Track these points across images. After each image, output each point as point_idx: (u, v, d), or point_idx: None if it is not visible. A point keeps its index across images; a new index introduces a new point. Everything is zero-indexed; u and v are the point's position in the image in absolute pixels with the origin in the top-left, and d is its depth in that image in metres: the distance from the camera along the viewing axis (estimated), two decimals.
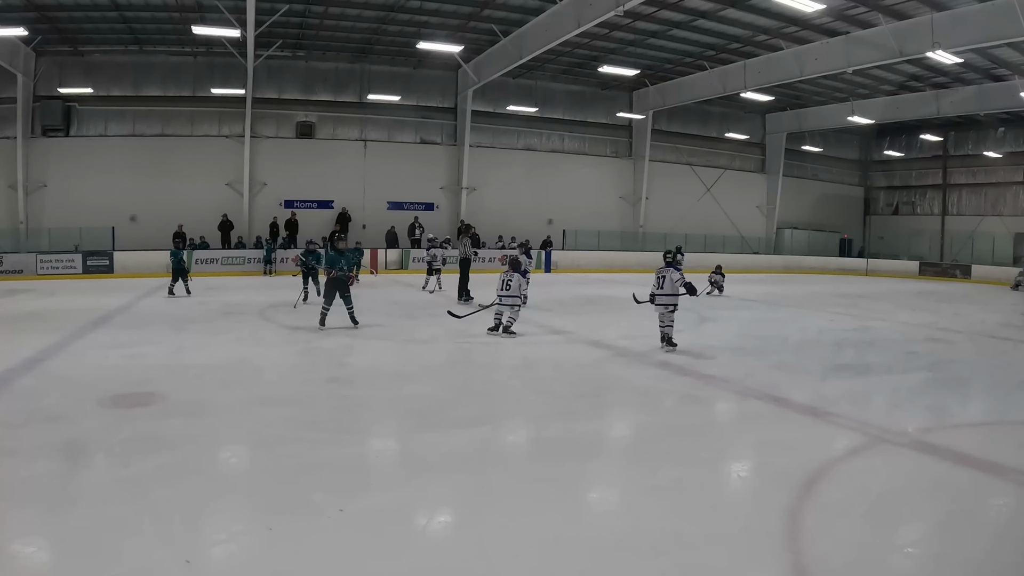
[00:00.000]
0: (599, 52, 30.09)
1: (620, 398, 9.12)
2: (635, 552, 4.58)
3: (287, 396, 8.54)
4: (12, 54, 25.51)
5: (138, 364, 10.23)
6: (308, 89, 32.33)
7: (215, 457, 6.50)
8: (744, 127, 41.22)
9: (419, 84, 33.81)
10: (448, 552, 4.62)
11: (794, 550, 4.61)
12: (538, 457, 6.62)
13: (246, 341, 12.60)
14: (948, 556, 4.66)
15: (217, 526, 4.92)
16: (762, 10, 24.27)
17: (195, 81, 30.33)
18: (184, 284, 19.19)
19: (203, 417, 7.51)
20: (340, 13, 26.25)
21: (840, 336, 14.72)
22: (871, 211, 47.27)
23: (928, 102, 33.72)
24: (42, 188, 28.31)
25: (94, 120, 29.48)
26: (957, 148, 42.28)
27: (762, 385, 9.63)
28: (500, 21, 26.23)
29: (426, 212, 33.66)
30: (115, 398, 8.12)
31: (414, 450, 6.72)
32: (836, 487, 5.79)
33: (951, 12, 21.83)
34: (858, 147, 46.89)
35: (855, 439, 7.11)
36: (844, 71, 26.45)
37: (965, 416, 8.48)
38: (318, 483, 5.62)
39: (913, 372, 11.16)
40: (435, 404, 8.34)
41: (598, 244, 34.34)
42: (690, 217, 39.23)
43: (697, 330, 15.02)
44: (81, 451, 6.50)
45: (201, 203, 29.65)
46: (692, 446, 6.91)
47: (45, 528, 4.79)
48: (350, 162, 32.72)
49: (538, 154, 36.72)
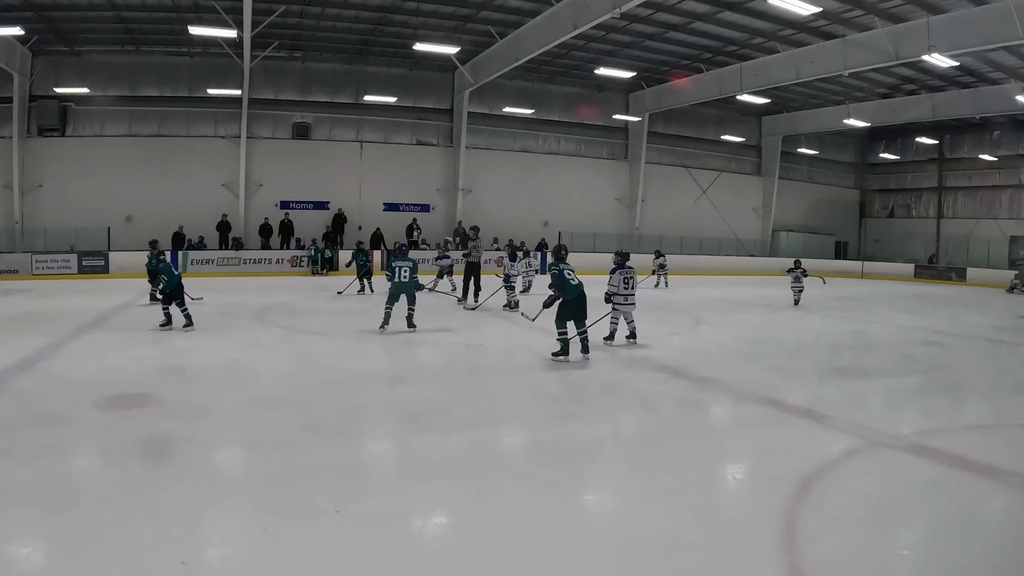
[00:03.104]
0: (596, 54, 30.07)
1: (617, 401, 9.11)
2: (633, 555, 4.58)
3: (284, 398, 8.53)
4: (8, 54, 25.44)
5: (135, 365, 10.21)
6: (304, 90, 32.25)
7: (212, 459, 6.49)
8: (740, 130, 41.17)
9: (416, 85, 33.73)
10: (446, 555, 4.63)
11: (791, 553, 4.62)
12: (536, 460, 6.61)
13: (243, 343, 12.55)
14: (944, 559, 4.67)
15: (214, 528, 4.93)
16: (758, 13, 24.28)
17: (191, 81, 30.26)
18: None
19: (200, 419, 7.50)
20: (337, 14, 26.21)
21: (836, 339, 14.77)
22: (867, 214, 47.23)
23: (924, 105, 33.72)
24: (38, 188, 28.23)
25: (90, 120, 29.42)
26: (953, 151, 42.27)
27: (759, 388, 9.64)
28: (497, 23, 26.22)
29: (422, 214, 33.56)
30: (112, 399, 8.12)
31: (412, 453, 6.72)
32: (833, 490, 5.80)
33: (947, 15, 21.87)
34: (854, 150, 46.88)
35: (852, 442, 7.12)
36: (840, 74, 26.48)
37: (961, 419, 8.51)
38: (315, 485, 5.61)
39: (909, 375, 11.20)
40: (433, 407, 8.34)
41: (594, 246, 34.17)
42: (686, 219, 39.20)
43: (693, 333, 15.05)
44: (78, 452, 6.50)
45: (197, 204, 29.55)
46: (689, 449, 6.92)
47: (42, 529, 4.80)
48: (346, 163, 32.63)
49: (534, 156, 36.66)
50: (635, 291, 12.41)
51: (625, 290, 12.27)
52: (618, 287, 12.23)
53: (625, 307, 12.39)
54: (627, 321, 12.52)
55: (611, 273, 12.34)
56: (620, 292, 12.24)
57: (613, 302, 12.36)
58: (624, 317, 12.52)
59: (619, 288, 12.23)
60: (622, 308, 12.41)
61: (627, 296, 12.33)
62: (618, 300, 12.30)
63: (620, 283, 12.23)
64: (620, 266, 12.35)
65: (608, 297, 12.32)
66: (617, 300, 12.31)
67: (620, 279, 12.24)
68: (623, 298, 12.29)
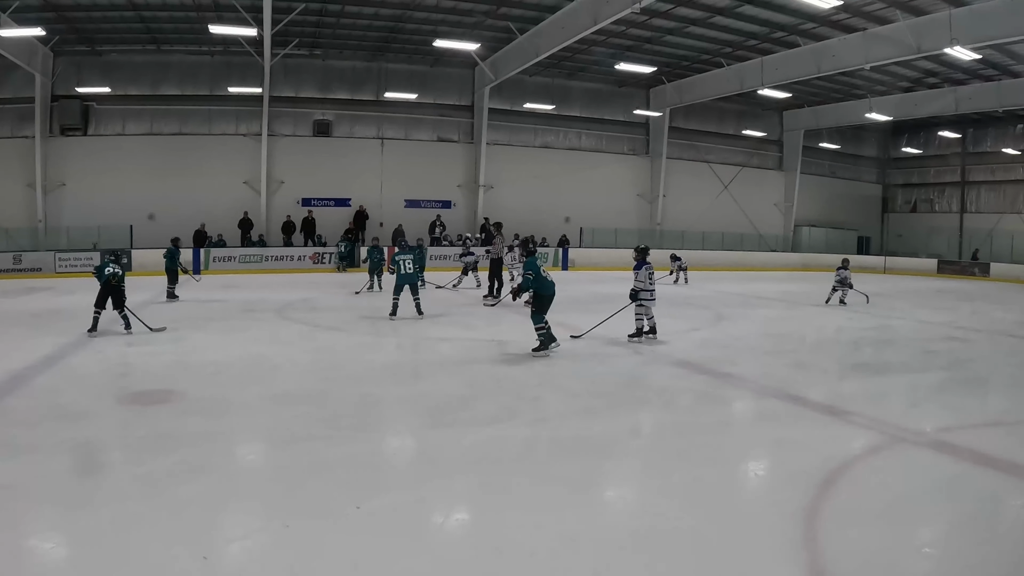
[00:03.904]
0: (616, 49, 29.94)
1: (637, 396, 9.11)
2: (651, 551, 4.58)
3: (304, 394, 8.58)
4: (30, 54, 25.63)
5: (156, 362, 10.29)
6: (325, 87, 32.33)
7: (232, 455, 6.54)
8: (761, 124, 40.95)
9: (436, 82, 33.74)
10: (464, 550, 4.64)
11: (811, 550, 4.60)
12: (555, 455, 6.60)
13: (264, 339, 12.62)
14: (966, 557, 4.62)
15: (234, 523, 4.96)
16: (779, 6, 24.13)
17: (212, 80, 30.41)
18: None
19: (220, 415, 7.56)
20: (357, 11, 26.24)
21: (858, 335, 14.67)
22: (889, 209, 46.91)
23: (946, 99, 33.41)
24: (60, 187, 28.46)
25: (112, 119, 29.62)
26: (976, 145, 41.91)
27: (779, 384, 9.62)
28: (517, 19, 26.18)
29: (443, 210, 33.62)
30: (133, 396, 8.18)
31: (431, 448, 6.73)
32: (853, 487, 5.77)
33: (969, 8, 21.63)
34: (876, 144, 46.55)
35: (873, 438, 7.08)
36: (862, 67, 26.27)
37: (984, 416, 8.41)
38: (335, 481, 5.64)
39: (931, 371, 11.13)
40: (452, 402, 8.37)
41: (615, 242, 34.13)
42: (708, 215, 39.08)
43: (714, 328, 15.00)
44: (99, 448, 6.56)
45: (219, 201, 29.78)
46: (709, 445, 6.89)
47: (63, 525, 4.84)
48: (367, 160, 32.69)
49: (555, 152, 36.58)
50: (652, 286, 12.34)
51: (651, 286, 12.26)
52: (644, 283, 12.19)
53: (650, 303, 12.35)
54: (647, 317, 12.48)
55: (635, 270, 12.30)
56: (647, 288, 12.21)
57: (640, 299, 12.29)
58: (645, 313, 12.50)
59: (645, 284, 12.20)
60: (647, 304, 12.36)
61: (652, 292, 12.31)
62: (644, 296, 12.25)
63: (646, 279, 12.21)
64: (643, 262, 12.32)
65: (635, 294, 12.26)
66: (644, 296, 12.25)
67: (646, 275, 12.21)
68: (649, 294, 12.26)
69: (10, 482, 5.44)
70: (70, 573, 4.30)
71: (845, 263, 19.72)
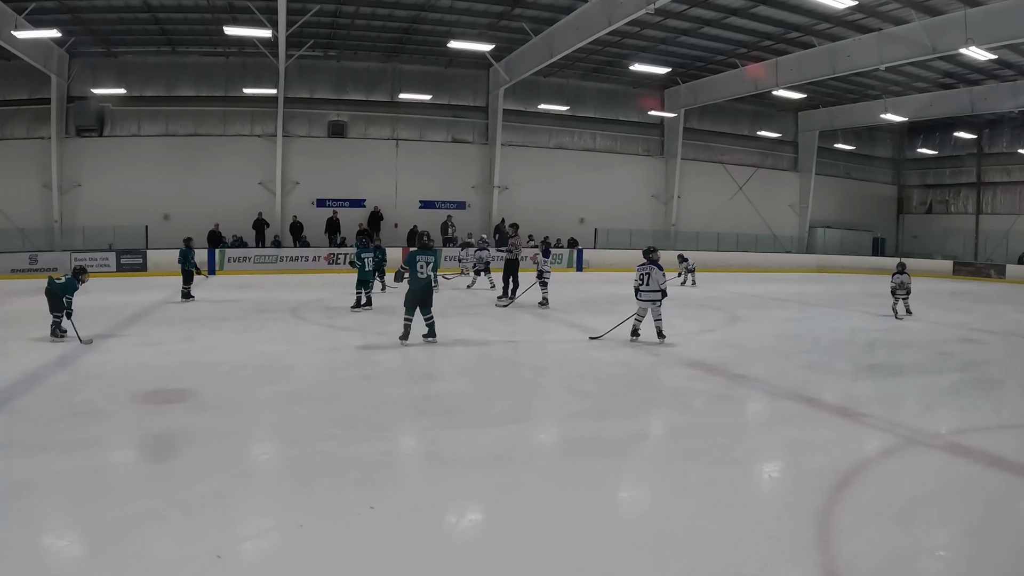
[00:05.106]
0: (630, 50, 29.91)
1: (651, 397, 9.11)
2: (664, 552, 4.58)
3: (318, 393, 8.61)
4: (46, 56, 25.82)
5: (170, 361, 10.33)
6: (339, 88, 32.40)
7: (246, 453, 6.56)
8: (776, 125, 40.82)
9: (450, 83, 33.80)
10: (478, 550, 4.64)
11: (825, 552, 4.58)
12: (568, 455, 6.62)
13: (278, 339, 12.66)
14: (980, 560, 4.60)
15: (248, 522, 4.97)
16: (793, 7, 24.07)
17: (227, 81, 30.54)
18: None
19: (234, 414, 7.58)
20: (371, 13, 26.29)
21: (872, 336, 14.60)
22: (904, 210, 46.66)
23: (962, 99, 33.27)
24: (76, 187, 28.64)
25: (127, 120, 29.77)
26: (991, 146, 41.64)
27: (793, 385, 9.59)
28: (531, 20, 26.18)
29: (458, 211, 33.64)
30: (147, 394, 8.21)
31: (444, 448, 6.73)
32: (868, 488, 5.75)
33: (984, 8, 21.51)
34: (891, 145, 46.32)
35: (887, 440, 7.05)
36: (877, 68, 26.18)
37: (999, 418, 8.37)
38: (349, 480, 5.66)
39: (946, 373, 11.06)
40: (465, 402, 8.39)
41: (630, 243, 33.95)
42: (722, 216, 38.93)
43: (728, 330, 14.97)
44: (113, 447, 6.59)
45: (234, 202, 29.86)
46: (723, 446, 6.87)
47: (78, 522, 4.87)
48: (382, 161, 32.74)
49: (570, 152, 36.57)
50: (659, 289, 12.27)
51: (642, 286, 12.30)
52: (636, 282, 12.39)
53: (642, 303, 12.43)
54: (654, 319, 12.48)
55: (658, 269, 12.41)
56: (640, 288, 12.32)
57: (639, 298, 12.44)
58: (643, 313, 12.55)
59: (635, 283, 12.39)
60: (639, 303, 12.49)
61: (643, 292, 12.33)
62: (638, 296, 12.41)
63: (636, 278, 12.36)
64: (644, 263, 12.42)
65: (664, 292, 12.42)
66: (638, 296, 12.41)
67: (638, 275, 12.36)
68: (641, 294, 12.35)
69: (25, 480, 5.47)
70: (84, 571, 4.32)
71: (901, 267, 18.10)
